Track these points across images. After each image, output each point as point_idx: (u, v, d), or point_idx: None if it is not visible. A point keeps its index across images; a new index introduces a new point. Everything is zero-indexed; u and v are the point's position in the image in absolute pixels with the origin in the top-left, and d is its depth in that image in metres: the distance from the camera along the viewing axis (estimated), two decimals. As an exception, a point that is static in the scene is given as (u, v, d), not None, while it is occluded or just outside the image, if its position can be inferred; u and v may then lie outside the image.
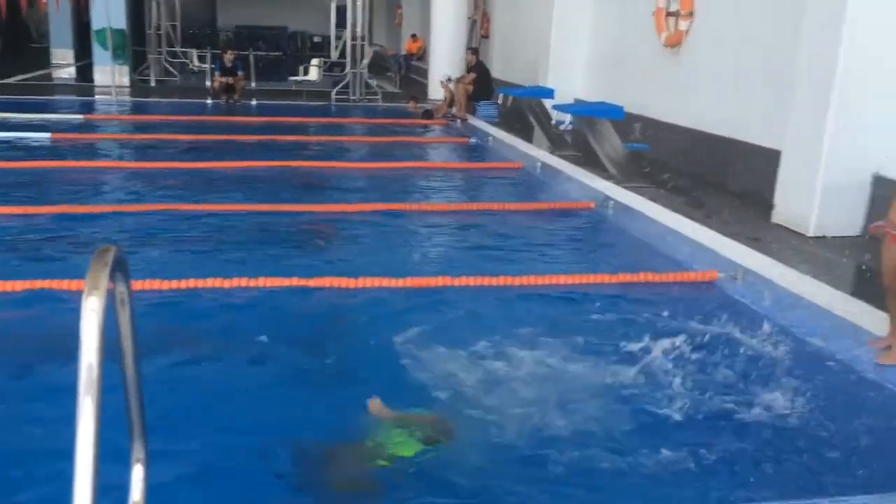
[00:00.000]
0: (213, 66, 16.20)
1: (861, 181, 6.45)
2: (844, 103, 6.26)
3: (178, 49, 19.65)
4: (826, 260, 5.87)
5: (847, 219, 6.51)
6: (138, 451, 2.08)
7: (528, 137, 11.80)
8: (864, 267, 5.20)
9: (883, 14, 6.13)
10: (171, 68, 18.85)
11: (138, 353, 1.97)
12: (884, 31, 6.16)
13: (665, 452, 3.14)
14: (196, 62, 19.60)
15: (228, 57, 15.40)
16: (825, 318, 4.53)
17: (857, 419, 3.46)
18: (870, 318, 4.48)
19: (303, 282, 4.88)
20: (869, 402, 3.62)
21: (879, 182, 6.40)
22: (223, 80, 15.26)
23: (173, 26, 19.37)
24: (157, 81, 18.15)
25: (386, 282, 4.95)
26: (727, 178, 8.50)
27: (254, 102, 15.31)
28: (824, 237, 6.46)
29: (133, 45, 18.33)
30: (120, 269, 1.62)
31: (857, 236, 6.50)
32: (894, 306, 3.96)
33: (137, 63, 18.68)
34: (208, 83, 16.08)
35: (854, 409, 3.56)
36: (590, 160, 9.49)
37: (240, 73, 15.59)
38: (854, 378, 3.83)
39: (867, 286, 5.37)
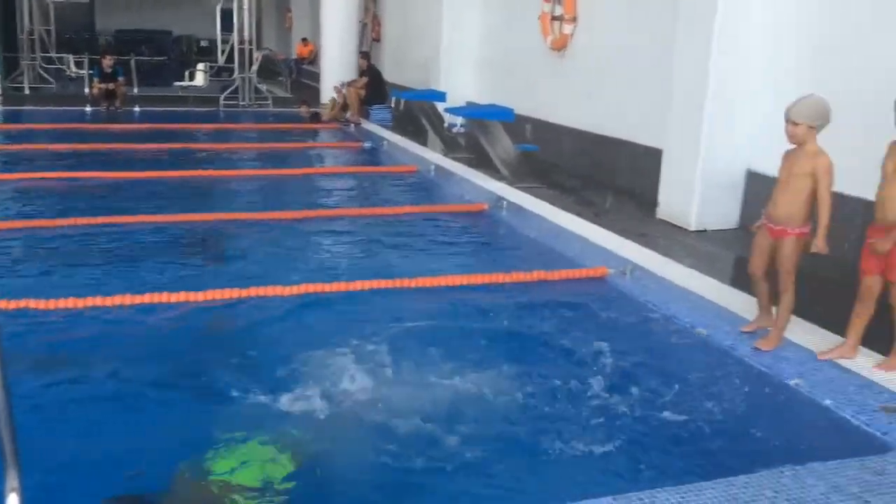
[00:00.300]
0: (91, 72, 15.51)
1: (736, 177, 6.80)
2: (717, 104, 6.59)
3: (53, 55, 18.70)
4: (707, 253, 6.16)
5: (725, 213, 6.85)
6: (12, 479, 1.96)
7: (422, 140, 11.86)
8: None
9: (748, 19, 6.49)
10: (46, 75, 17.93)
11: (7, 378, 1.86)
12: (750, 34, 6.52)
13: (560, 443, 3.21)
14: (73, 68, 18.73)
15: (107, 62, 14.78)
16: (708, 308, 4.75)
17: (737, 400, 3.65)
18: (749, 307, 4.72)
19: (191, 296, 4.73)
20: (746, 384, 3.81)
21: (752, 177, 6.77)
22: (102, 86, 14.64)
23: (47, 31, 18.42)
24: (31, 89, 17.22)
25: (279, 290, 4.85)
26: (614, 176, 8.79)
27: (137, 109, 14.77)
28: (705, 231, 6.78)
29: (4, 50, 17.34)
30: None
31: (735, 229, 6.85)
32: (761, 293, 4.20)
33: (9, 70, 17.68)
34: (87, 90, 15.39)
35: (734, 391, 3.74)
36: (482, 162, 9.63)
37: (120, 78, 15.00)
38: (733, 363, 4.02)
39: (745, 277, 5.68)
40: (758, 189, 6.72)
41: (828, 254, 3.86)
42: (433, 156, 10.46)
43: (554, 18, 10.28)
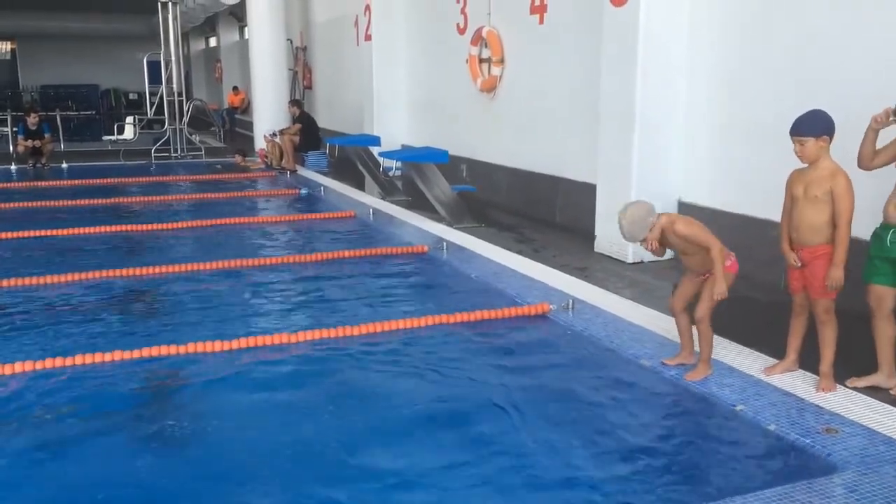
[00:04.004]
0: (15, 129, 15.11)
1: (668, 208, 6.95)
2: (645, 137, 6.77)
3: (-26, 113, 18.20)
4: (645, 284, 6.25)
5: (660, 243, 6.97)
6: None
7: (360, 185, 11.86)
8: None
9: (668, 55, 6.72)
10: (-33, 134, 17.43)
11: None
12: (669, 69, 6.75)
13: (497, 481, 3.18)
14: (-4, 126, 18.25)
15: (32, 119, 14.43)
16: (649, 338, 4.80)
17: (683, 429, 3.68)
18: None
19: (126, 354, 4.57)
20: (691, 412, 3.85)
21: (684, 208, 6.93)
22: (28, 143, 14.26)
23: (-32, 89, 17.93)
24: (-49, 148, 16.69)
25: (218, 345, 4.72)
26: (553, 213, 8.91)
27: (64, 165, 14.42)
28: (642, 262, 6.89)
29: (-78, 110, 16.82)
30: None
31: (670, 259, 6.98)
32: (682, 327, 4.28)
33: (-72, 130, 17.17)
34: (11, 148, 14.97)
35: (680, 420, 3.77)
36: (421, 204, 9.65)
37: (47, 135, 14.65)
38: (678, 392, 4.06)
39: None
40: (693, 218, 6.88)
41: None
42: (371, 200, 10.45)
43: (482, 61, 10.46)
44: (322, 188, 11.56)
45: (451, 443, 3.57)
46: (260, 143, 15.24)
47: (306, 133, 14.49)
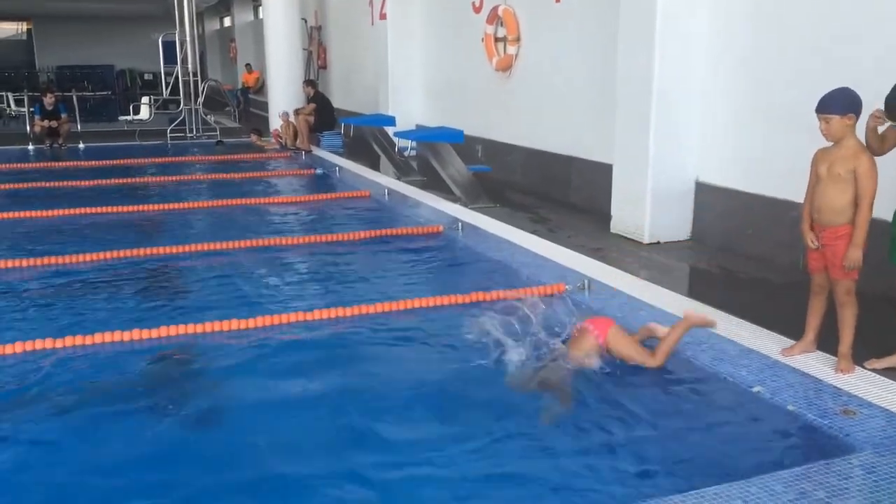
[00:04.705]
0: (32, 109, 15.18)
1: (685, 188, 6.91)
2: (662, 116, 6.71)
3: (-9, 93, 18.32)
4: (661, 264, 6.23)
5: (677, 225, 6.95)
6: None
7: (374, 165, 11.85)
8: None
9: (687, 29, 6.64)
10: (-15, 114, 17.55)
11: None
12: (690, 45, 6.67)
13: (522, 459, 3.19)
14: (13, 106, 18.34)
15: (49, 100, 14.48)
16: (665, 319, 4.78)
17: (701, 410, 3.67)
18: (707, 315, 4.77)
19: (144, 333, 4.61)
20: (708, 393, 3.83)
21: (701, 188, 6.88)
22: (45, 123, 14.32)
23: (-16, 69, 18.03)
24: (-31, 129, 16.82)
25: (234, 324, 4.76)
26: (568, 193, 8.88)
27: (81, 146, 14.48)
28: (658, 243, 6.86)
29: (-60, 91, 16.95)
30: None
31: (688, 240, 6.95)
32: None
33: (-54, 110, 17.31)
34: (29, 128, 15.06)
35: (697, 401, 3.76)
36: (436, 184, 9.64)
37: (63, 115, 14.70)
38: (695, 372, 4.05)
39: (700, 287, 5.76)
40: (707, 200, 6.85)
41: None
42: (386, 180, 10.44)
43: (497, 40, 10.39)
44: (337, 168, 11.56)
45: (465, 420, 3.58)
46: (274, 124, 15.24)
47: (321, 113, 14.47)
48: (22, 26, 33.91)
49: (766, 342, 4.31)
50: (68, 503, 3.00)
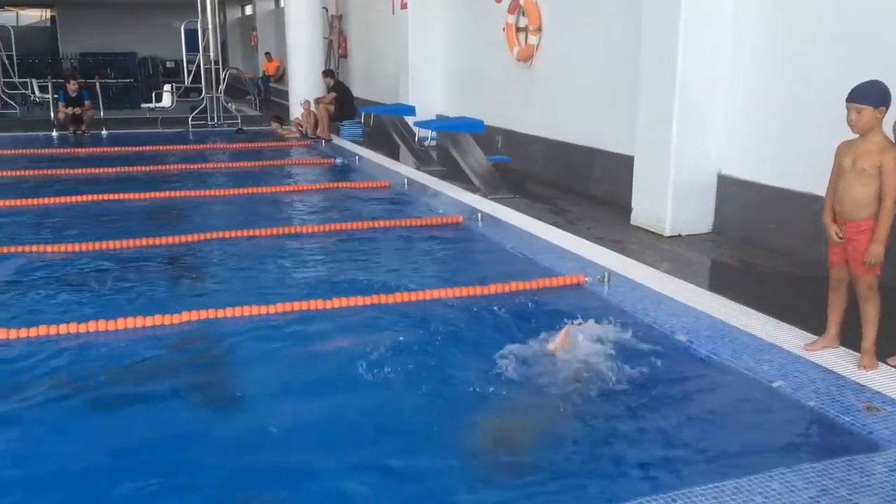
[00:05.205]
0: (56, 96, 15.31)
1: (707, 181, 6.85)
2: (685, 108, 6.64)
3: (16, 80, 18.45)
4: (682, 257, 6.18)
5: (698, 217, 6.90)
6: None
7: (394, 155, 11.85)
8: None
9: (711, 24, 6.57)
10: (9, 100, 17.69)
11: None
12: (714, 36, 6.59)
13: (543, 452, 3.18)
14: (37, 93, 18.50)
15: (72, 86, 14.59)
16: (686, 312, 4.76)
17: (721, 405, 3.65)
18: (726, 310, 4.75)
19: (167, 319, 4.65)
20: (729, 388, 3.81)
21: (724, 181, 6.82)
22: (68, 110, 14.44)
23: (9, 56, 18.17)
24: (-6, 115, 17.00)
25: (255, 310, 4.79)
26: (588, 184, 8.83)
27: (104, 133, 14.59)
28: (679, 236, 6.81)
29: (-35, 77, 17.14)
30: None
31: (709, 233, 6.90)
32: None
33: (-29, 96, 17.51)
34: (52, 115, 15.19)
35: (717, 396, 3.74)
36: (455, 174, 9.62)
37: (87, 102, 14.81)
38: (715, 367, 4.02)
39: (721, 280, 5.72)
40: (730, 193, 6.79)
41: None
42: (406, 170, 10.44)
43: (519, 30, 10.33)
44: (357, 157, 11.57)
45: (482, 412, 3.59)
46: (295, 112, 15.27)
47: (341, 102, 14.48)
48: (46, 13, 34.19)
49: (789, 336, 4.28)
50: (89, 484, 3.03)
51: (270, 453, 3.24)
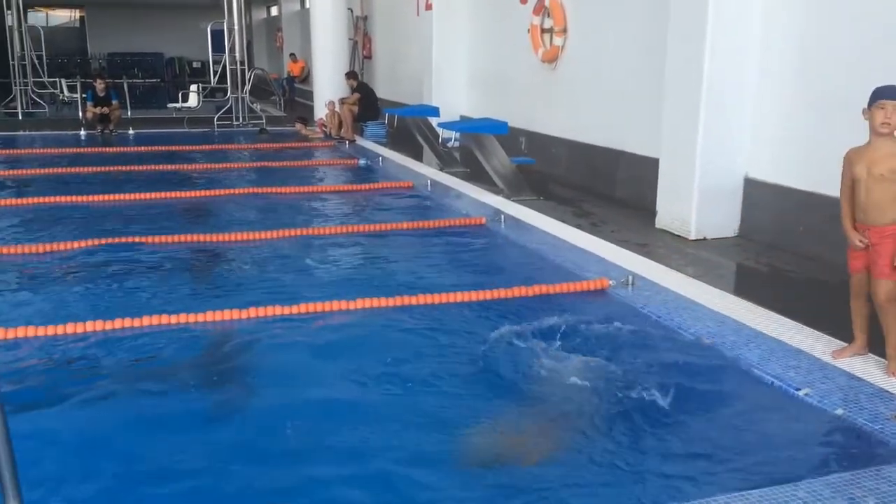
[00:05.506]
0: (84, 95, 15.51)
1: (734, 184, 6.78)
2: (711, 110, 6.58)
3: (45, 79, 18.70)
4: (708, 261, 6.13)
5: (724, 221, 6.83)
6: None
7: (418, 156, 11.86)
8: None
9: (738, 27, 6.50)
10: (39, 100, 17.94)
11: (4, 411, 1.82)
12: (740, 43, 6.52)
13: (566, 456, 3.16)
14: (66, 92, 18.74)
15: (100, 86, 14.77)
16: (711, 317, 4.71)
17: (747, 411, 3.60)
18: (752, 315, 4.70)
19: (190, 318, 4.68)
20: (754, 394, 3.76)
21: (750, 184, 6.75)
22: (96, 110, 14.62)
23: (39, 56, 18.42)
24: (24, 114, 17.22)
25: (278, 310, 4.81)
26: (613, 187, 8.78)
27: (131, 132, 14.75)
28: (705, 239, 6.75)
29: (-4, 76, 17.41)
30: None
31: (735, 237, 6.83)
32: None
33: (2, 96, 17.72)
34: (81, 114, 15.39)
35: (743, 402, 3.69)
36: (479, 176, 9.61)
37: (114, 101, 14.99)
38: (741, 373, 3.98)
39: (747, 285, 5.65)
40: (756, 196, 6.71)
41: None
42: (429, 171, 10.45)
43: (544, 31, 10.30)
44: (380, 158, 11.60)
45: (509, 413, 3.57)
46: (319, 113, 15.34)
47: (365, 103, 14.53)
48: (75, 14, 34.61)
49: (817, 343, 4.22)
50: (112, 477, 3.06)
51: (284, 454, 3.25)
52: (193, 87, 17.90)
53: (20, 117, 16.91)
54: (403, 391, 3.83)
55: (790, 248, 6.30)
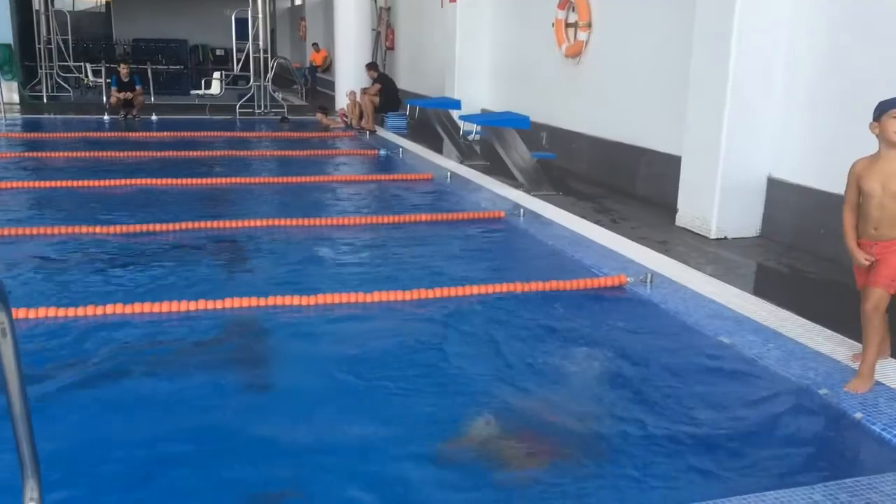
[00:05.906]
0: (108, 80, 15.63)
1: (756, 184, 6.72)
2: (736, 109, 6.52)
3: (70, 63, 18.86)
4: (728, 260, 6.08)
5: (746, 220, 6.77)
6: (32, 489, 1.94)
7: (438, 148, 11.85)
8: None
9: (766, 24, 6.42)
10: (64, 84, 18.10)
11: (25, 387, 1.83)
12: (769, 38, 6.45)
13: (586, 457, 3.16)
14: (91, 77, 18.88)
15: (124, 71, 14.87)
16: (730, 316, 4.68)
17: (763, 410, 3.57)
18: (771, 315, 4.66)
19: (210, 304, 4.71)
20: (772, 393, 3.73)
21: (773, 183, 6.68)
22: (120, 95, 14.73)
23: (65, 40, 18.58)
24: (49, 97, 17.39)
25: (296, 300, 4.83)
26: (633, 184, 8.73)
27: (154, 118, 14.85)
28: (725, 238, 6.70)
29: (23, 60, 17.53)
30: (-1, 300, 1.50)
31: (756, 237, 6.77)
32: None
33: (28, 78, 17.88)
34: (105, 99, 15.51)
35: (759, 401, 3.67)
36: (499, 169, 9.59)
37: (138, 87, 15.09)
38: (758, 371, 3.95)
39: (767, 285, 5.61)
40: (779, 196, 6.65)
41: None
42: (449, 163, 10.44)
43: (568, 25, 10.24)
44: (400, 149, 11.60)
45: (520, 410, 3.57)
46: (340, 103, 15.36)
47: (386, 94, 14.53)
48: (101, -1, 34.85)
49: (838, 347, 4.18)
50: (132, 459, 3.09)
51: (303, 445, 3.26)
52: (216, 75, 17.98)
53: (45, 100, 17.07)
54: (414, 385, 3.82)
55: (811, 249, 6.24)
